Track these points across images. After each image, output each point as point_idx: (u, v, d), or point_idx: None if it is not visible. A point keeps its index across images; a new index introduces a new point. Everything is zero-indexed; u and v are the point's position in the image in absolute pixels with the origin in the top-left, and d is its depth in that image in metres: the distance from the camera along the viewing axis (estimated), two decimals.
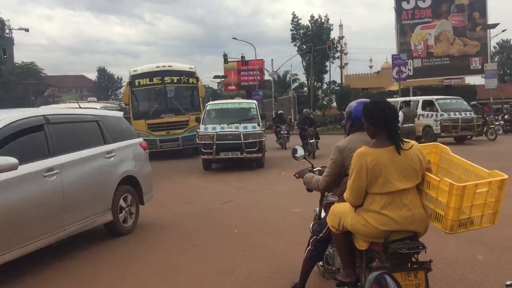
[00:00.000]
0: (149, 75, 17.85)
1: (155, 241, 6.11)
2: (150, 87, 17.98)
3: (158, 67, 18.18)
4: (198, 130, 13.50)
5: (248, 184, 10.85)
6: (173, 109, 17.58)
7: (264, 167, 13.59)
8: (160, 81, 17.78)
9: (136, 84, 17.75)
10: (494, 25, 38.98)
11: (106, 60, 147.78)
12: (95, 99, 14.22)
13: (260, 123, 13.37)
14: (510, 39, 64.26)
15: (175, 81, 18.06)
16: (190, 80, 18.19)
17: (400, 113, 13.19)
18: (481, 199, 2.79)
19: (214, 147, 12.59)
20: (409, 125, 13.95)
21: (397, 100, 21.15)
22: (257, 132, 12.93)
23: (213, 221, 7.17)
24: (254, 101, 15.40)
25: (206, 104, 14.84)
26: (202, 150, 12.88)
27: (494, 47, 60.14)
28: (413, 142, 2.96)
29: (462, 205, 2.72)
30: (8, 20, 54.68)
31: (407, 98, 21.90)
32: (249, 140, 12.69)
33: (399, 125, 3.15)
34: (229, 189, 10.17)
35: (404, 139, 2.91)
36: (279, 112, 23.91)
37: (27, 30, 43.13)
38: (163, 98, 17.71)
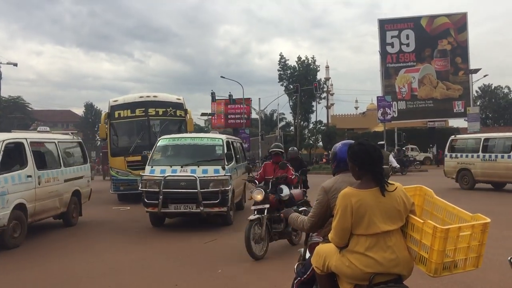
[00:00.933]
0: (131, 106, 15.87)
1: (136, 281, 5.97)
2: (132, 120, 15.94)
3: (141, 97, 16.29)
4: (142, 173, 10.62)
5: (232, 222, 10.72)
6: None
7: (248, 208, 13.33)
8: (144, 113, 15.78)
9: (116, 116, 15.74)
10: (476, 70, 40.18)
11: (94, 95, 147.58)
12: (47, 129, 13.00)
13: (226, 166, 10.19)
14: (492, 84, 66.04)
15: (160, 113, 15.96)
16: (178, 112, 16.14)
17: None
18: (465, 242, 2.80)
19: (161, 197, 9.54)
20: (384, 167, 13.93)
21: (480, 136, 17.69)
22: (220, 178, 9.88)
23: (196, 260, 7.06)
24: (222, 137, 11.76)
25: (158, 139, 11.89)
26: (145, 200, 9.83)
27: (477, 91, 61.70)
28: (397, 184, 2.98)
29: (446, 248, 2.72)
30: None
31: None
32: (209, 189, 9.68)
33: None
34: (212, 228, 10.03)
35: (388, 181, 2.94)
36: (271, 150, 20.96)
37: (15, 64, 43.05)
38: (146, 132, 15.70)
